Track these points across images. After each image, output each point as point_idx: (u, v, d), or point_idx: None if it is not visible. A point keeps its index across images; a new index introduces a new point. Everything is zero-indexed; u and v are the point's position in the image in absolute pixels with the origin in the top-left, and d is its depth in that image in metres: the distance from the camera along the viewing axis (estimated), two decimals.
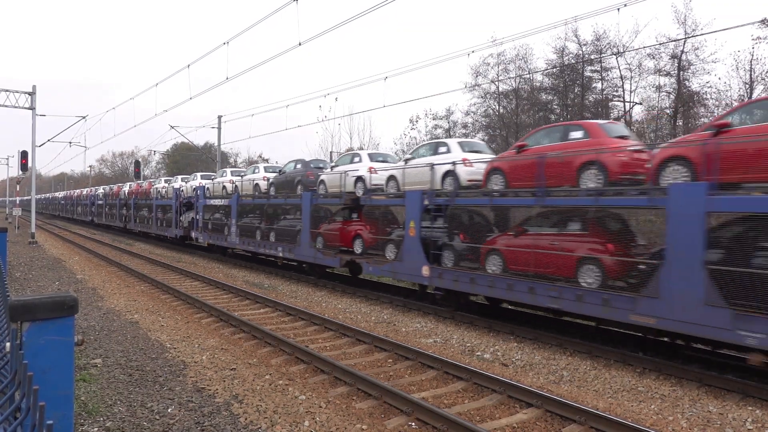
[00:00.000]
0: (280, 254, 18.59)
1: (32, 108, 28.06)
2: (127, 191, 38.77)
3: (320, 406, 6.77)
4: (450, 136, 37.81)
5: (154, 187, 34.25)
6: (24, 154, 29.55)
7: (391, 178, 14.88)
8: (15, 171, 46.78)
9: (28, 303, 2.32)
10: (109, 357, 8.74)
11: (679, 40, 27.10)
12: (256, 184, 21.58)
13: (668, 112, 29.03)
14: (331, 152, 39.29)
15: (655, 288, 8.25)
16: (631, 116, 30.86)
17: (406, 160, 14.61)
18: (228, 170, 25.66)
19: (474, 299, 13.01)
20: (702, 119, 27.53)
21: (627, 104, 30.67)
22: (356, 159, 16.67)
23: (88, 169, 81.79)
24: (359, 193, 15.58)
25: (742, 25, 27.73)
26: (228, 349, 9.43)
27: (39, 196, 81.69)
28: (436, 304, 12.84)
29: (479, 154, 13.54)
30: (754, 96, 25.09)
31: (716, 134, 8.64)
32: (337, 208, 17.72)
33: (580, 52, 31.78)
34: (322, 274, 17.71)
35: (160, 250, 28.54)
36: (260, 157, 58.03)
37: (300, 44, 17.68)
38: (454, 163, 12.63)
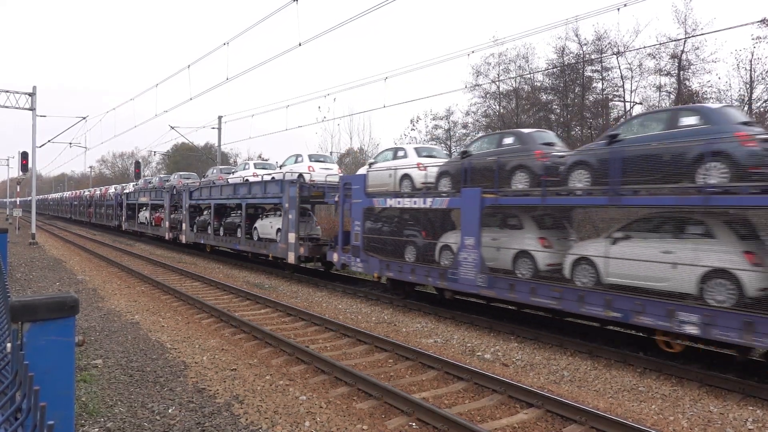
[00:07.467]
0: None
1: (32, 109, 28.08)
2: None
3: (321, 407, 6.77)
4: (450, 137, 37.74)
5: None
6: (24, 155, 29.60)
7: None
8: (15, 172, 46.91)
9: (28, 303, 2.32)
10: (109, 357, 8.75)
11: (679, 39, 27.07)
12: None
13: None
14: (330, 152, 39.25)
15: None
16: (631, 116, 30.80)
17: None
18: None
19: None
20: None
21: (627, 104, 30.63)
22: None
23: (89, 169, 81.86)
24: None
25: (742, 25, 27.71)
26: (228, 349, 9.43)
27: (41, 197, 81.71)
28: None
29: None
30: (754, 96, 25.08)
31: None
32: None
33: (581, 51, 31.75)
34: None
35: (161, 250, 28.53)
36: (260, 157, 57.74)
37: (300, 45, 17.72)
38: None
